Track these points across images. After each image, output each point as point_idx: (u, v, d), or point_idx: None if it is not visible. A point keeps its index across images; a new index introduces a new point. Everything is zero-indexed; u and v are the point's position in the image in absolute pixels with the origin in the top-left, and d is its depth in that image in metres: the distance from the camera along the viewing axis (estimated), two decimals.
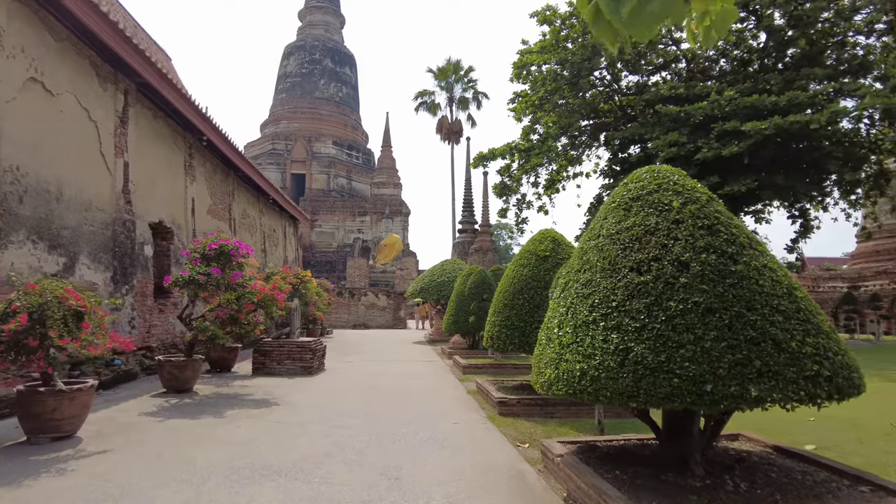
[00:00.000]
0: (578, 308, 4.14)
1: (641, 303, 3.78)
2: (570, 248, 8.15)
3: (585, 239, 4.61)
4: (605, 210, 4.58)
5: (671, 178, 4.42)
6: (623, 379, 3.62)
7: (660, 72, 23.92)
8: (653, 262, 3.91)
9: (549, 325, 4.43)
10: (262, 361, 10.99)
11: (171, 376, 8.59)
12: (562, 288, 4.55)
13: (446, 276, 19.91)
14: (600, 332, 3.87)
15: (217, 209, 15.32)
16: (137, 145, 10.82)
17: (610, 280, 4.03)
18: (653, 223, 4.11)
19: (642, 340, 3.66)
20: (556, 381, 4.06)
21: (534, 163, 20.80)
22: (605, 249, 4.23)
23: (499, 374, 10.77)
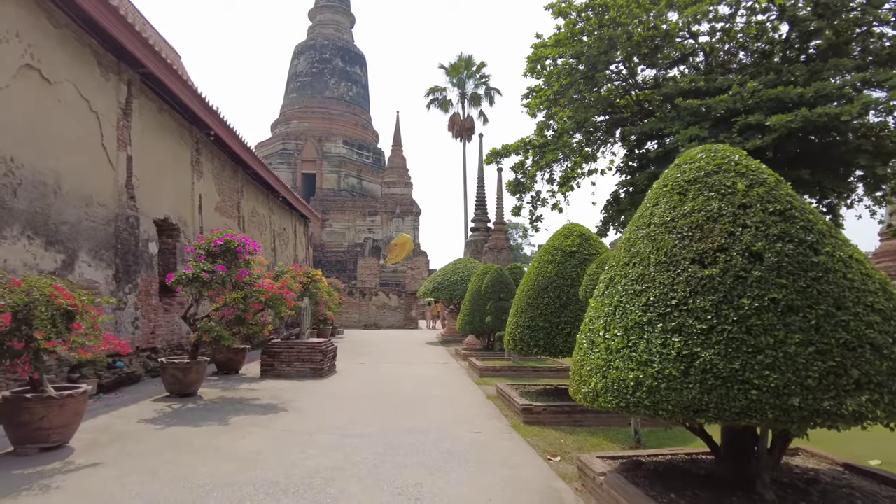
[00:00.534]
0: (629, 307, 3.57)
1: (707, 300, 3.20)
2: (598, 243, 7.57)
3: (632, 228, 4.03)
4: (655, 195, 4.00)
5: (731, 157, 3.84)
6: (688, 390, 3.05)
7: (677, 66, 23.20)
8: (718, 253, 3.33)
9: (593, 327, 3.86)
10: (271, 363, 10.49)
11: (175, 379, 8.11)
12: (605, 284, 3.98)
13: (459, 276, 19.35)
14: (658, 335, 3.29)
15: (225, 206, 14.87)
16: (142, 139, 10.37)
17: (667, 274, 3.46)
18: (715, 208, 3.52)
19: (710, 344, 3.08)
20: (604, 392, 3.49)
21: (549, 158, 20.16)
22: (658, 239, 3.65)
23: (518, 378, 10.19)
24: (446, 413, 7.28)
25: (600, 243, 7.58)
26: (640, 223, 3.96)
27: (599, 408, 3.59)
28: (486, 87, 36.28)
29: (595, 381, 3.59)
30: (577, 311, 6.93)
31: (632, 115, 22.71)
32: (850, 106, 15.05)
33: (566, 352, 6.87)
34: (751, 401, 2.88)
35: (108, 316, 8.91)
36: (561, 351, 6.87)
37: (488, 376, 10.32)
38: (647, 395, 3.21)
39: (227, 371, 10.85)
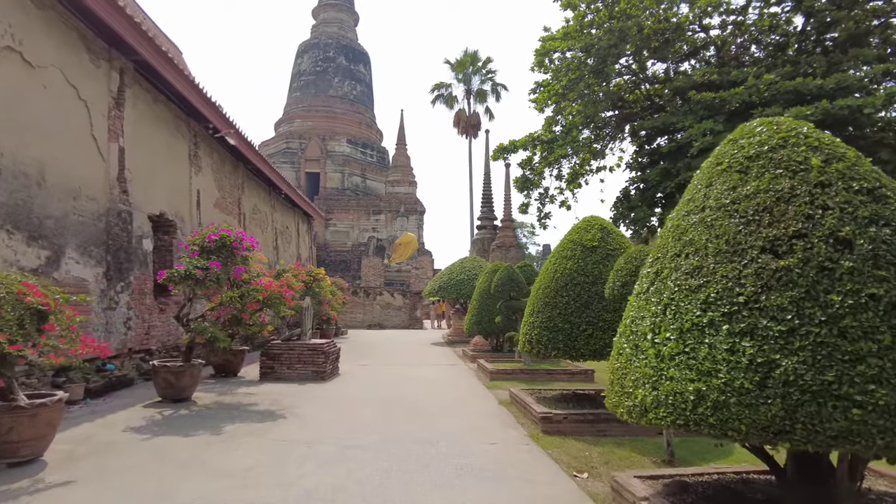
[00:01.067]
0: (684, 305, 2.98)
1: (786, 296, 2.62)
2: (620, 237, 6.98)
3: (681, 214, 3.45)
4: (708, 175, 3.42)
5: (798, 130, 3.25)
6: (767, 407, 2.47)
7: (688, 60, 22.58)
8: (795, 240, 2.75)
9: (637, 329, 3.28)
10: (271, 366, 9.94)
11: (167, 383, 7.56)
12: (650, 279, 3.40)
13: (466, 274, 18.77)
14: (723, 339, 2.71)
15: (225, 203, 14.34)
16: (135, 130, 9.83)
17: (731, 266, 2.88)
18: (786, 187, 2.94)
19: (793, 351, 2.50)
20: (656, 407, 2.91)
21: (557, 154, 19.57)
22: (717, 225, 3.07)
23: (531, 382, 9.60)
24: (457, 421, 6.71)
25: (623, 237, 7.00)
26: (690, 207, 3.37)
27: (648, 424, 3.01)
28: (493, 83, 35.64)
29: (643, 394, 3.01)
30: (600, 310, 6.35)
31: (641, 110, 22.11)
32: (873, 98, 14.42)
33: (588, 355, 6.29)
34: (852, 422, 2.30)
35: (97, 316, 8.39)
36: (582, 354, 6.29)
37: (499, 379, 9.74)
38: (713, 411, 2.63)
39: (224, 374, 10.31)
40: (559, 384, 9.46)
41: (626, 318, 3.57)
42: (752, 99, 16.62)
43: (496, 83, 36.04)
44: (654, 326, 3.12)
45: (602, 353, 6.24)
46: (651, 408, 2.94)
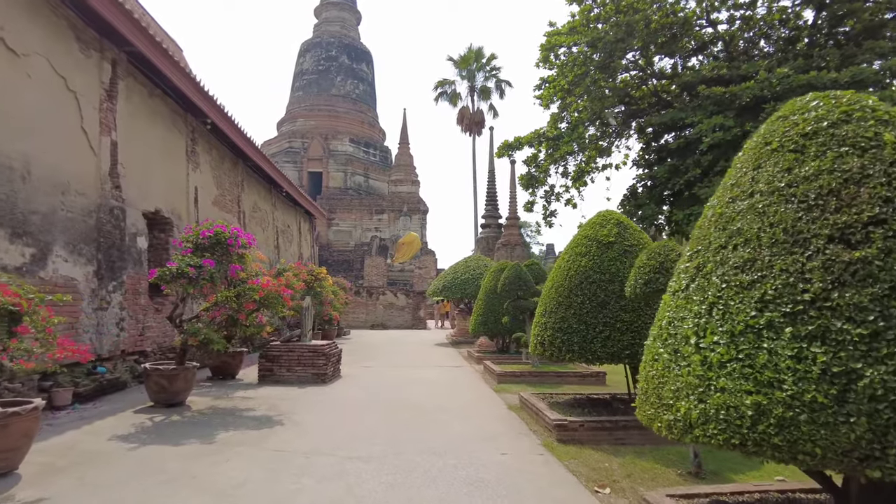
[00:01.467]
0: (734, 304, 2.56)
1: (865, 294, 2.20)
2: (638, 232, 6.55)
3: (724, 201, 3.02)
4: (754, 156, 3.00)
5: (863, 102, 2.82)
6: (849, 427, 2.05)
7: (695, 55, 22.13)
8: (872, 227, 2.33)
9: (676, 332, 2.86)
10: (270, 368, 9.54)
11: (159, 388, 7.16)
12: (689, 275, 2.97)
13: (470, 274, 18.35)
14: (787, 344, 2.29)
15: (224, 200, 13.95)
16: (129, 124, 9.44)
17: (791, 258, 2.45)
18: (855, 167, 2.52)
19: (879, 359, 2.08)
20: (704, 423, 2.49)
21: (563, 151, 19.13)
22: (771, 212, 2.65)
23: (540, 385, 9.18)
24: (465, 427, 6.29)
25: (641, 233, 6.57)
26: (736, 193, 2.95)
27: (694, 442, 2.59)
28: (497, 80, 35.11)
29: (687, 407, 2.59)
30: (618, 310, 5.92)
31: (648, 106, 21.66)
32: (891, 90, 13.96)
33: (605, 358, 5.86)
34: None
35: (88, 317, 8.00)
36: (599, 357, 5.86)
37: (507, 382, 9.32)
38: (777, 430, 2.21)
39: (222, 376, 9.91)
40: (570, 387, 9.04)
41: (659, 318, 3.15)
42: (764, 93, 16.17)
43: (500, 80, 35.60)
44: (699, 329, 2.70)
45: (620, 356, 5.82)
46: (698, 423, 2.52)
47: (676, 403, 2.67)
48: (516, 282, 10.18)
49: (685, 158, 17.93)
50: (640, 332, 5.81)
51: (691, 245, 3.17)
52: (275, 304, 7.64)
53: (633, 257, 6.17)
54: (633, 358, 5.83)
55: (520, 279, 10.19)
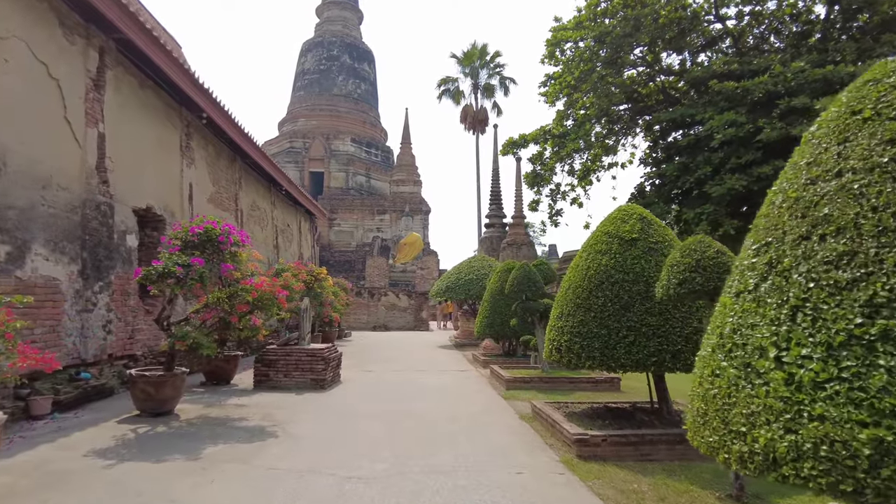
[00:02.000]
0: (828, 309, 2.03)
1: None
2: (662, 228, 6.01)
3: (798, 184, 2.48)
4: (838, 128, 2.45)
5: None
6: None
7: (704, 51, 21.62)
8: None
9: (747, 342, 2.32)
10: (266, 373, 9.01)
11: (146, 395, 6.64)
12: (759, 273, 2.44)
13: (474, 274, 17.81)
14: None
15: (221, 198, 13.44)
16: (118, 116, 8.93)
17: None
18: None
19: None
20: (796, 459, 1.95)
21: (570, 148, 18.61)
22: (873, 193, 2.11)
23: (552, 392, 8.65)
24: (475, 441, 5.75)
25: (666, 229, 6.03)
26: (816, 173, 2.41)
27: (781, 482, 2.05)
28: (501, 77, 34.48)
29: (769, 436, 2.05)
30: (643, 313, 5.38)
31: (656, 103, 21.14)
32: None
33: (630, 366, 5.32)
34: None
35: (71, 320, 7.48)
36: (623, 365, 5.32)
37: (517, 388, 8.78)
38: None
39: (216, 381, 9.39)
40: (583, 394, 8.51)
41: (718, 325, 2.61)
42: (777, 88, 15.63)
43: (504, 77, 34.92)
44: (779, 339, 2.16)
45: (645, 363, 5.28)
46: (786, 460, 1.98)
47: (753, 432, 2.14)
48: (525, 282, 9.65)
49: (695, 156, 17.41)
50: (667, 338, 5.27)
51: (755, 237, 2.64)
52: (269, 305, 7.12)
53: (658, 255, 5.64)
54: (660, 366, 5.30)
55: (529, 280, 9.66)
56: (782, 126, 15.14)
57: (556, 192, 20.48)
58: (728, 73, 17.55)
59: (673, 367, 5.26)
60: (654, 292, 5.23)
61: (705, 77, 17.77)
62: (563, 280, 6.28)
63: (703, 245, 4.40)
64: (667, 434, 5.21)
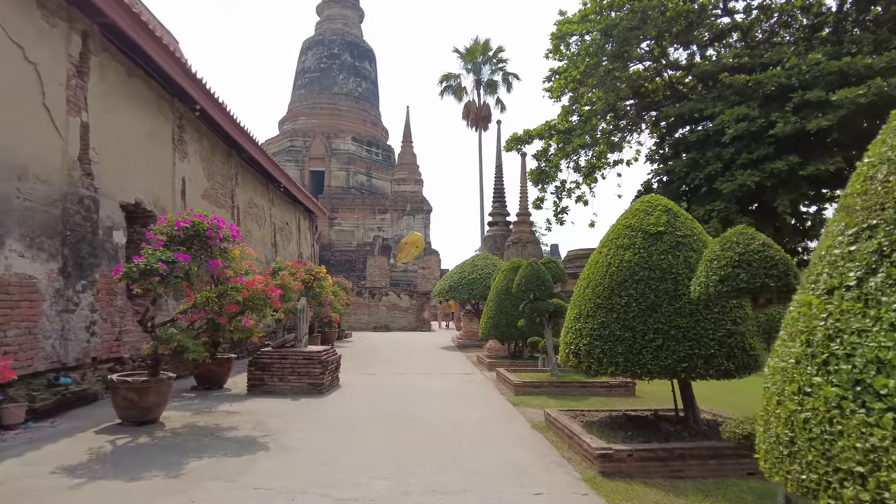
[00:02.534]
0: None
1: None
2: (690, 220, 5.49)
3: None
4: None
5: None
6: None
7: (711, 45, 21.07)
8: None
9: (851, 352, 1.79)
10: (260, 377, 8.49)
11: (128, 403, 6.12)
12: (866, 264, 1.91)
13: (478, 273, 17.28)
14: None
15: (216, 194, 12.92)
16: (104, 105, 8.42)
17: None
18: None
19: None
20: None
21: (576, 143, 18.05)
22: None
23: (564, 397, 8.11)
24: (485, 454, 5.22)
25: (693, 221, 5.50)
26: None
27: None
28: (504, 73, 33.85)
29: None
30: (672, 314, 4.85)
31: (663, 98, 20.61)
32: None
33: (658, 372, 4.80)
34: None
35: (50, 321, 6.96)
36: (650, 371, 4.80)
37: (526, 394, 8.25)
38: None
39: (208, 385, 8.87)
40: (597, 400, 7.98)
41: (803, 329, 2.08)
42: (791, 81, 15.09)
43: (507, 73, 34.23)
44: None
45: (675, 369, 4.75)
46: None
47: (877, 476, 1.61)
48: (534, 281, 9.12)
49: (704, 151, 16.88)
50: (698, 342, 4.74)
51: (848, 220, 2.11)
52: (261, 305, 6.59)
53: (687, 250, 5.11)
54: (691, 372, 4.77)
55: (538, 278, 9.12)
56: (796, 120, 14.61)
57: (562, 189, 19.94)
58: (738, 66, 17.03)
59: (705, 373, 4.73)
60: (685, 291, 4.72)
61: (715, 71, 17.24)
62: (581, 278, 5.75)
63: (746, 237, 3.88)
64: (698, 448, 4.68)
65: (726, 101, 16.59)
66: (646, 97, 20.20)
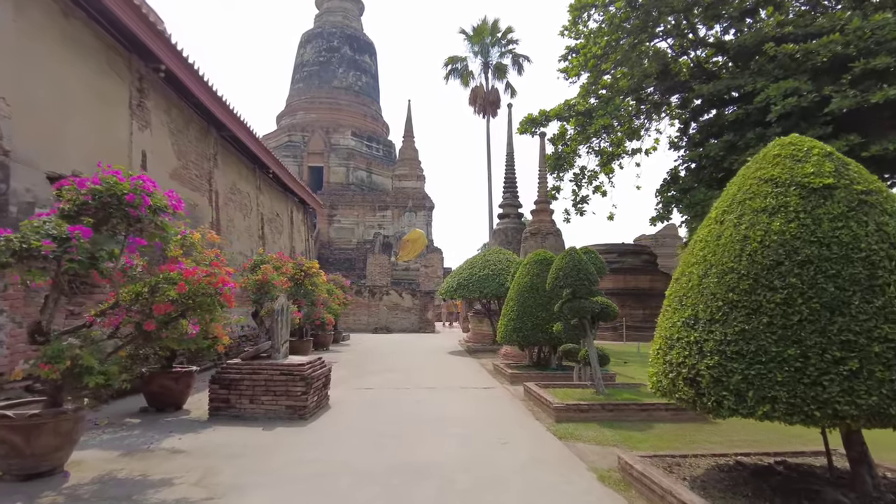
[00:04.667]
0: None
1: None
2: (865, 171, 3.46)
3: None
4: None
5: None
6: None
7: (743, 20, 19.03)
8: None
9: None
10: (225, 397, 6.47)
11: (9, 449, 4.09)
12: None
13: (490, 269, 15.25)
14: None
15: (189, 175, 10.90)
16: (25, 48, 6.42)
17: None
18: None
19: None
20: None
21: (598, 124, 15.92)
22: None
23: (621, 424, 6.08)
24: None
25: (863, 170, 3.47)
26: None
27: None
28: (514, 55, 31.37)
29: None
30: (872, 317, 2.83)
31: (690, 78, 18.59)
32: None
33: (858, 417, 2.76)
34: None
35: None
36: (841, 415, 2.76)
37: (571, 419, 6.22)
38: None
39: (161, 406, 6.84)
40: (664, 428, 5.96)
41: None
42: (849, 50, 13.05)
43: (517, 55, 31.67)
44: None
45: (889, 412, 2.72)
46: None
47: None
48: (574, 275, 7.09)
49: (744, 133, 14.85)
50: None
51: None
52: (208, 305, 4.58)
53: (877, 212, 3.10)
54: None
55: (579, 271, 7.11)
56: (855, 94, 12.60)
57: (581, 177, 17.92)
58: (782, 36, 15.00)
59: None
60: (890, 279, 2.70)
61: (755, 42, 15.21)
62: (684, 263, 3.73)
63: None
64: None
65: (769, 76, 14.58)
66: (671, 77, 18.17)
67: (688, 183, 16.49)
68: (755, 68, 15.44)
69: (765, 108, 14.29)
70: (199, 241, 6.05)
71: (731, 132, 15.27)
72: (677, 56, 18.49)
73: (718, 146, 15.15)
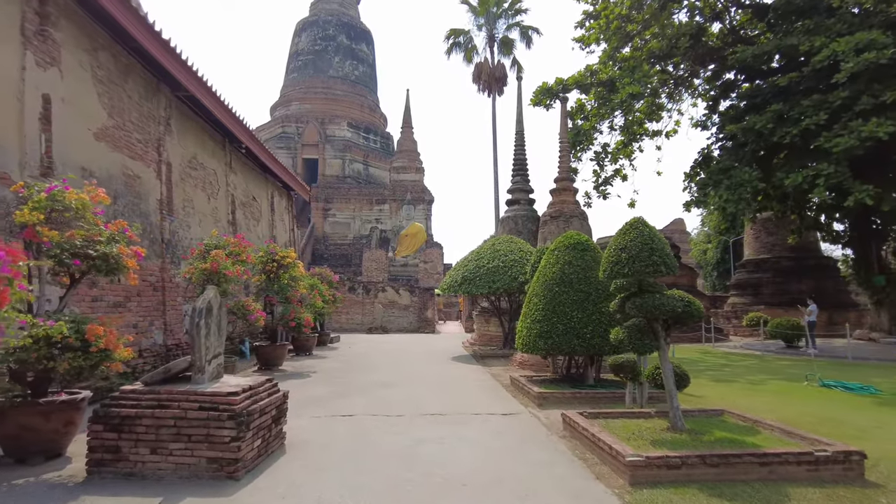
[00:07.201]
0: None
1: None
2: None
3: None
4: None
5: None
6: None
7: None
8: None
9: None
10: (114, 445, 4.06)
11: None
12: None
13: (500, 261, 12.81)
14: None
15: (128, 139, 8.45)
16: None
17: None
18: None
19: None
20: None
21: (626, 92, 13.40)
22: None
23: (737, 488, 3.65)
24: None
25: None
26: None
27: None
28: (521, 28, 28.64)
29: None
30: None
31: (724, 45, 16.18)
32: None
33: None
34: None
35: None
36: None
37: (658, 482, 3.79)
38: None
39: (23, 456, 4.41)
40: (800, 493, 3.52)
41: None
42: None
43: (525, 27, 28.83)
44: None
45: None
46: None
47: None
48: (647, 257, 4.67)
49: (799, 99, 12.46)
50: None
51: None
52: None
53: None
54: None
55: (653, 251, 4.70)
56: None
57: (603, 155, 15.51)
58: None
59: None
60: None
61: None
62: None
63: None
64: None
65: (828, 33, 12.16)
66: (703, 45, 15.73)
67: (726, 163, 14.07)
68: (807, 27, 13.01)
69: (825, 71, 11.88)
70: (84, 204, 3.77)
71: (779, 100, 12.85)
72: (712, 18, 16.05)
73: (766, 118, 12.71)
